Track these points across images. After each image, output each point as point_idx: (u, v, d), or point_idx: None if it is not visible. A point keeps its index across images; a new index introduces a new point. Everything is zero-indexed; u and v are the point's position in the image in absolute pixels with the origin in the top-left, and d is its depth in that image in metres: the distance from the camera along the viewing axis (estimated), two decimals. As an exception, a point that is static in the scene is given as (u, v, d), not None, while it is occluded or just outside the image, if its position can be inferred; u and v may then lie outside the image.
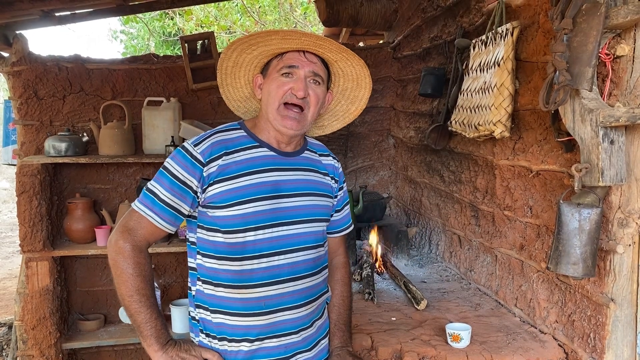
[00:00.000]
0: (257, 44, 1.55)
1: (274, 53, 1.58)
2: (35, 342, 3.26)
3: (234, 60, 1.62)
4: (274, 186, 1.54)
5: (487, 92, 2.28)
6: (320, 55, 1.58)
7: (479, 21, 2.60)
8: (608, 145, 1.62)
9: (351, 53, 1.57)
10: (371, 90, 1.71)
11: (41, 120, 3.47)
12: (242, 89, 1.70)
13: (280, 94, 1.53)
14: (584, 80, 1.63)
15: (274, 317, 1.54)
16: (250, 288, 1.52)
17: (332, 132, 1.84)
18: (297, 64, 1.54)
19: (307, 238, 1.60)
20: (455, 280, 2.88)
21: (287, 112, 1.53)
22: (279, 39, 1.51)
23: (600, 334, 1.78)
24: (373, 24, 4.21)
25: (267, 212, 1.52)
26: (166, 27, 11.60)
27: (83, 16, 3.65)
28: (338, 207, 1.79)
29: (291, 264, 1.56)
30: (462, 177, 2.90)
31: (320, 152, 1.73)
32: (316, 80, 1.56)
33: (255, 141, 1.58)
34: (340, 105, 1.76)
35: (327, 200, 1.69)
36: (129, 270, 1.47)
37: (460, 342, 2.00)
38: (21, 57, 3.38)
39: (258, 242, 1.52)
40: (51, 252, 3.28)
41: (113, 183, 3.63)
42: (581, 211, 1.66)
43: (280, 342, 1.55)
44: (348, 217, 1.86)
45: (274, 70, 1.57)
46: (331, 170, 1.73)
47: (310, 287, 1.60)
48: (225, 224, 1.50)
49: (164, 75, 3.63)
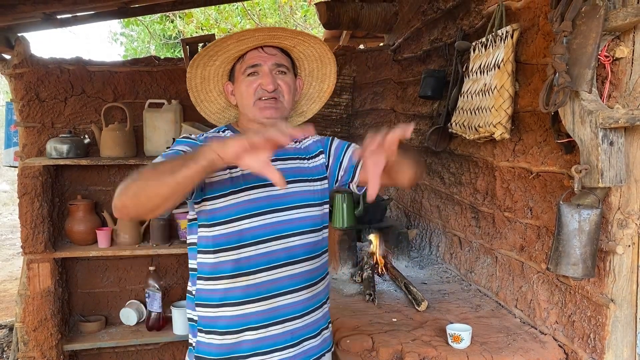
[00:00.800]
0: (216, 54, 1.59)
1: (235, 57, 1.63)
2: (37, 344, 3.27)
3: (200, 76, 1.67)
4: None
5: (488, 94, 2.29)
6: (278, 46, 1.63)
7: (479, 24, 2.62)
8: (607, 147, 1.63)
9: (305, 34, 1.62)
10: (336, 64, 1.75)
11: (43, 122, 3.48)
12: (216, 101, 1.75)
13: (251, 92, 1.58)
14: (584, 82, 1.64)
15: (274, 302, 1.57)
16: (250, 275, 1.56)
17: (312, 115, 1.88)
18: (258, 61, 1.59)
19: (303, 223, 1.63)
20: (456, 281, 2.89)
21: (263, 103, 1.58)
22: (235, 42, 1.55)
23: (600, 334, 1.79)
24: (373, 26, 4.22)
25: (260, 200, 1.57)
26: (166, 30, 11.62)
27: (85, 19, 3.66)
28: (340, 154, 1.73)
29: (287, 248, 1.59)
30: (463, 178, 2.91)
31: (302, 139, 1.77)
32: (281, 70, 1.61)
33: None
34: (312, 87, 1.81)
35: (319, 184, 1.71)
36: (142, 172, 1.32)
37: (461, 343, 2.01)
38: (23, 60, 3.39)
39: (254, 229, 1.55)
40: (53, 253, 3.29)
41: (114, 185, 3.61)
42: (581, 212, 1.67)
43: (285, 329, 1.58)
44: (353, 145, 1.78)
45: (239, 74, 1.63)
46: (315, 147, 1.75)
47: (309, 271, 1.64)
48: (224, 214, 1.54)
49: (165, 78, 3.64)
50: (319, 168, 1.73)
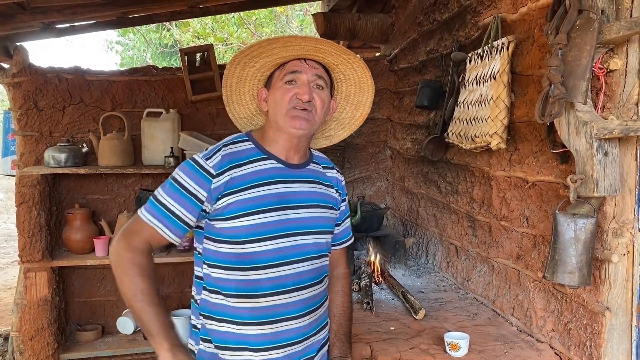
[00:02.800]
0: (258, 56, 1.57)
1: (276, 64, 1.61)
2: (33, 353, 3.26)
3: (237, 76, 1.64)
4: (280, 198, 1.56)
5: (484, 104, 2.32)
6: (321, 61, 1.61)
7: (475, 35, 2.65)
8: (602, 157, 1.66)
9: (352, 54, 1.59)
10: (374, 93, 1.72)
11: (41, 131, 3.49)
12: (247, 105, 1.72)
13: (286, 100, 1.55)
14: (579, 93, 1.67)
15: (280, 327, 1.55)
16: (257, 297, 1.54)
17: (338, 141, 1.85)
18: (299, 69, 1.57)
19: (312, 249, 1.62)
20: (453, 290, 2.91)
21: (295, 112, 1.55)
22: (280, 47, 1.53)
23: (596, 342, 1.81)
24: (370, 37, 4.26)
25: (274, 224, 1.54)
26: (163, 38, 11.66)
27: (83, 28, 3.68)
28: (339, 220, 1.80)
29: (296, 274, 1.57)
30: (459, 188, 2.93)
31: (325, 165, 1.76)
32: (319, 85, 1.58)
33: (263, 153, 1.60)
34: (345, 112, 1.78)
35: (331, 212, 1.71)
36: (131, 272, 1.48)
37: (458, 351, 2.02)
38: (21, 69, 3.41)
39: (265, 252, 1.53)
40: (50, 262, 3.29)
41: (112, 194, 3.65)
42: (577, 221, 1.69)
43: (284, 353, 1.56)
44: (349, 229, 1.88)
45: (277, 80, 1.59)
46: (335, 183, 1.76)
47: (313, 297, 1.63)
48: (233, 235, 1.52)
49: (163, 87, 3.66)
50: (333, 199, 1.73)
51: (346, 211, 1.85)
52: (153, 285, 1.50)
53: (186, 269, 3.71)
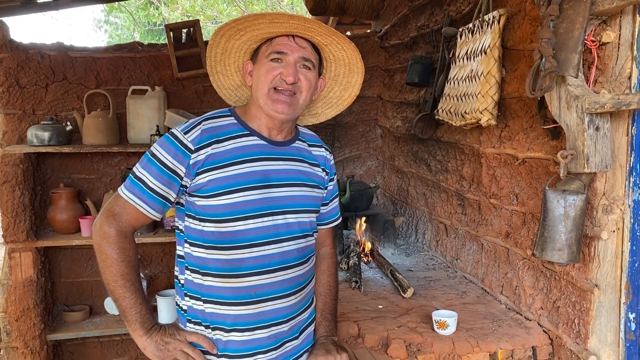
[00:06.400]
0: (245, 29, 1.51)
1: (263, 38, 1.55)
2: (20, 334, 3.22)
3: (222, 47, 1.58)
4: (263, 176, 1.52)
5: (474, 80, 2.28)
6: (310, 40, 1.55)
7: (466, 9, 2.60)
8: (593, 132, 1.62)
9: (341, 36, 1.53)
10: (364, 75, 1.67)
11: (23, 109, 3.41)
12: (232, 76, 1.67)
13: (269, 78, 1.49)
14: (570, 66, 1.63)
15: (264, 307, 1.53)
16: (240, 277, 1.50)
17: (325, 119, 1.81)
18: (286, 50, 1.50)
19: (297, 228, 1.58)
20: (442, 268, 2.90)
21: (277, 95, 1.50)
22: (267, 22, 1.47)
23: (584, 319, 1.80)
24: (360, 12, 4.19)
25: (256, 202, 1.50)
26: (151, 17, 11.47)
27: (66, 3, 3.59)
28: (326, 199, 1.77)
29: (280, 253, 1.54)
30: (449, 166, 2.90)
31: (311, 142, 1.71)
32: (306, 65, 1.53)
33: (245, 129, 1.55)
34: (333, 92, 1.73)
35: (316, 191, 1.67)
36: (114, 255, 1.46)
37: (446, 329, 2.01)
38: (2, 45, 3.31)
39: (247, 231, 1.49)
40: (35, 242, 3.24)
41: (97, 173, 3.59)
42: (566, 198, 1.67)
43: (270, 332, 1.54)
44: (336, 209, 1.85)
45: (263, 56, 1.54)
46: (322, 162, 1.71)
47: (299, 276, 1.60)
48: (214, 213, 1.48)
49: (148, 64, 3.58)
50: (319, 178, 1.69)
51: (334, 191, 1.81)
52: (134, 270, 1.48)
53: (174, 249, 3.66)
